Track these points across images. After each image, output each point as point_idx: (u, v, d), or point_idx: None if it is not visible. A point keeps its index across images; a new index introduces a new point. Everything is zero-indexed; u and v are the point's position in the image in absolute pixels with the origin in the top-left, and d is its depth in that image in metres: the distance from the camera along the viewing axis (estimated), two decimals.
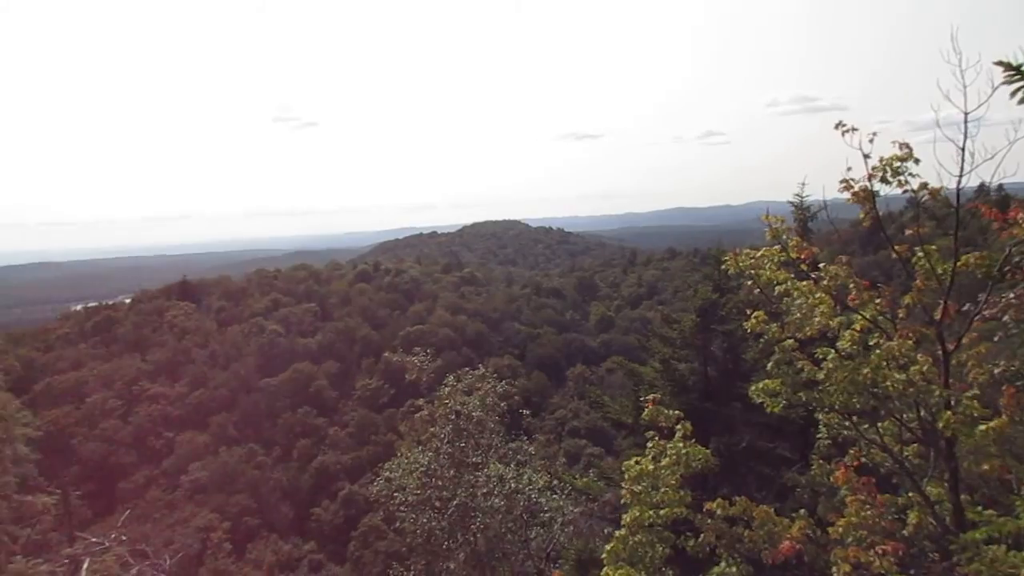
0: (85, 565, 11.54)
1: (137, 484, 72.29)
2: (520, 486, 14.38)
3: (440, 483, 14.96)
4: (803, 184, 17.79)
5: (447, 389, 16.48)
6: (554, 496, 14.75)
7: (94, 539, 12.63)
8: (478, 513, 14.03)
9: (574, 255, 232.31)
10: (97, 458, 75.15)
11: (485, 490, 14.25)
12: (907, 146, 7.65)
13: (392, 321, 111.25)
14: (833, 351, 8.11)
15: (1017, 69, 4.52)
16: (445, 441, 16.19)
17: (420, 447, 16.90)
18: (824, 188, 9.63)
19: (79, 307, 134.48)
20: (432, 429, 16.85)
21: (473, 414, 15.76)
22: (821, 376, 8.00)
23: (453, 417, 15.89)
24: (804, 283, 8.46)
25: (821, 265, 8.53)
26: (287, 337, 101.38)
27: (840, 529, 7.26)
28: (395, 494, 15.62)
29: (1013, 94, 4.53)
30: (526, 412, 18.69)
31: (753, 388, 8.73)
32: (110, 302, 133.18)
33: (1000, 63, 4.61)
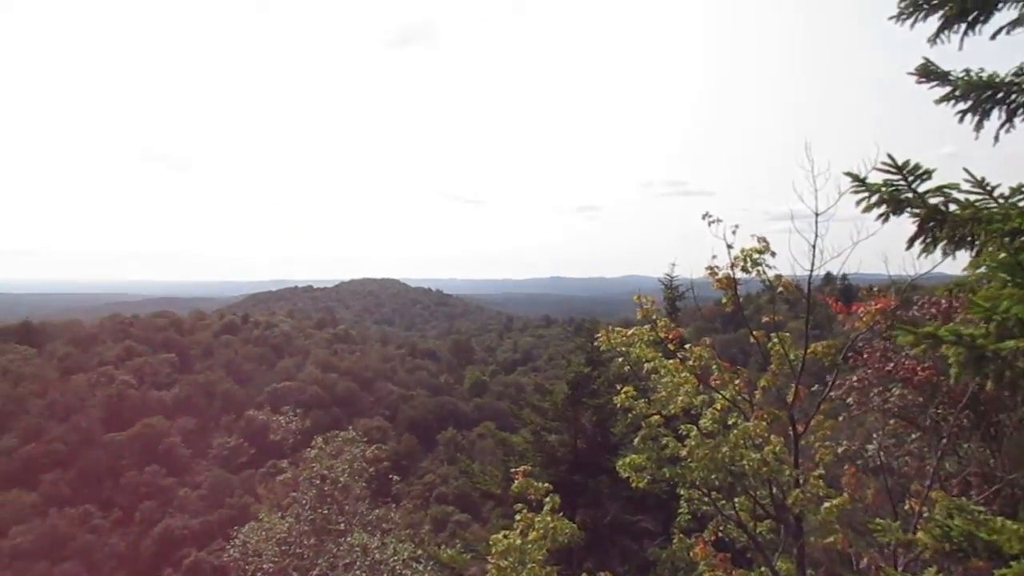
0: None
1: None
2: (384, 557, 13.89)
3: (300, 551, 14.21)
4: (673, 265, 18.90)
5: (314, 452, 15.87)
6: (418, 568, 14.33)
7: None
8: None
9: (452, 317, 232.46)
10: None
11: (347, 560, 13.66)
12: (764, 240, 8.33)
13: (258, 376, 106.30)
14: (696, 428, 8.51)
15: (862, 181, 5.05)
16: (307, 507, 15.52)
17: (280, 512, 16.09)
18: (692, 270, 10.25)
19: None
20: (294, 493, 16.10)
21: (340, 479, 15.19)
22: (684, 453, 8.35)
23: (318, 482, 15.26)
24: (671, 362, 8.89)
25: (687, 345, 9.01)
26: (139, 389, 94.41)
27: None
28: (250, 560, 14.71)
29: (858, 203, 5.05)
30: (396, 478, 18.24)
31: (620, 463, 8.98)
32: None
33: (848, 174, 5.15)
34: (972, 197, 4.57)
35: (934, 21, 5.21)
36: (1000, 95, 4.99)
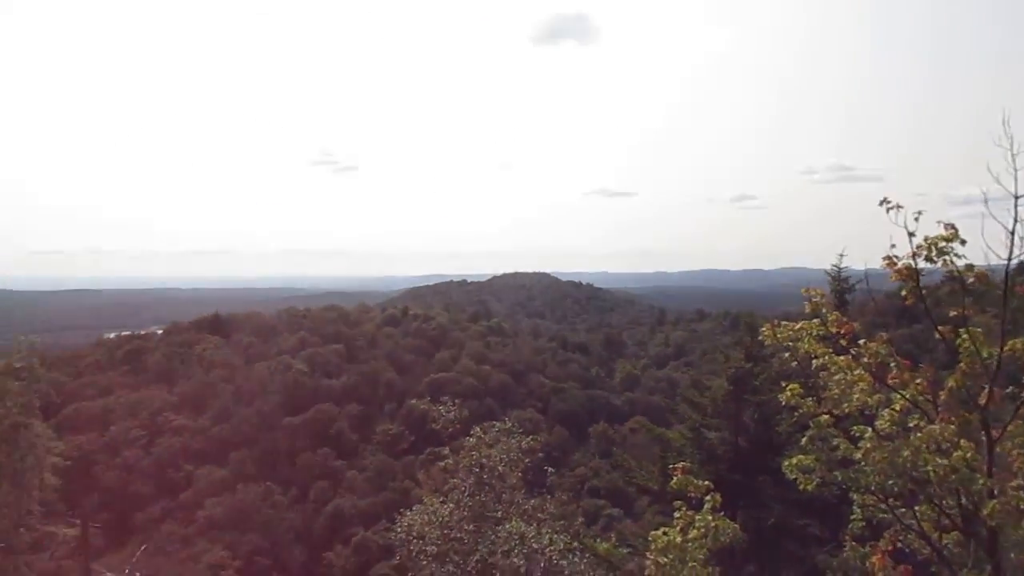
0: None
1: (153, 516, 72.29)
2: (540, 546, 14.10)
3: (460, 536, 14.74)
4: (841, 256, 17.69)
5: (473, 440, 16.36)
6: (574, 559, 14.43)
7: (109, 573, 12.60)
8: (497, 571, 13.77)
9: (602, 311, 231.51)
10: (117, 487, 75.36)
11: (505, 548, 14.00)
12: (952, 226, 7.61)
13: (417, 367, 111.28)
14: (871, 430, 7.95)
15: None
16: (466, 493, 16.01)
17: (441, 497, 16.73)
18: (865, 260, 9.58)
19: (112, 335, 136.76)
20: (453, 480, 16.69)
21: (497, 468, 15.59)
22: (858, 456, 7.84)
23: (477, 470, 15.73)
24: (842, 358, 8.36)
25: (861, 341, 8.43)
26: (312, 377, 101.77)
27: None
28: (414, 542, 15.43)
29: None
30: (551, 470, 18.44)
31: (786, 463, 8.57)
32: (142, 332, 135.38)
33: None
34: None
35: None
36: None
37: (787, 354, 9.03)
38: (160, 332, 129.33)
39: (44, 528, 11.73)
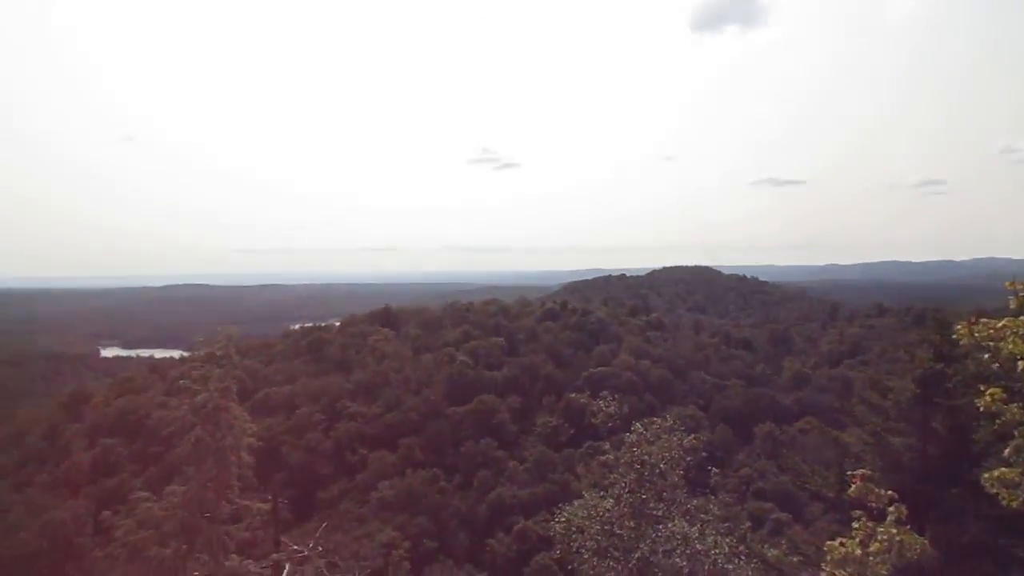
0: (286, 571, 12.49)
1: (332, 495, 77.88)
2: (704, 548, 13.72)
3: (620, 532, 14.63)
4: None
5: (633, 436, 16.16)
6: (741, 563, 13.90)
7: (295, 547, 13.66)
8: (659, 571, 13.54)
9: (768, 306, 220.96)
10: (300, 466, 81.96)
11: (667, 547, 13.74)
12: None
13: (576, 361, 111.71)
14: None
15: None
16: (627, 490, 15.85)
17: (601, 492, 16.68)
18: None
19: (297, 327, 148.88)
20: (613, 475, 16.56)
21: (659, 465, 15.31)
22: None
23: (638, 466, 15.53)
24: None
25: None
26: (475, 368, 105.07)
27: None
28: (574, 536, 15.51)
29: None
30: (714, 470, 17.88)
31: (987, 475, 7.76)
32: (323, 324, 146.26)
33: None
34: None
35: None
36: None
37: (987, 355, 8.15)
38: (338, 324, 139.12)
39: (241, 502, 12.95)
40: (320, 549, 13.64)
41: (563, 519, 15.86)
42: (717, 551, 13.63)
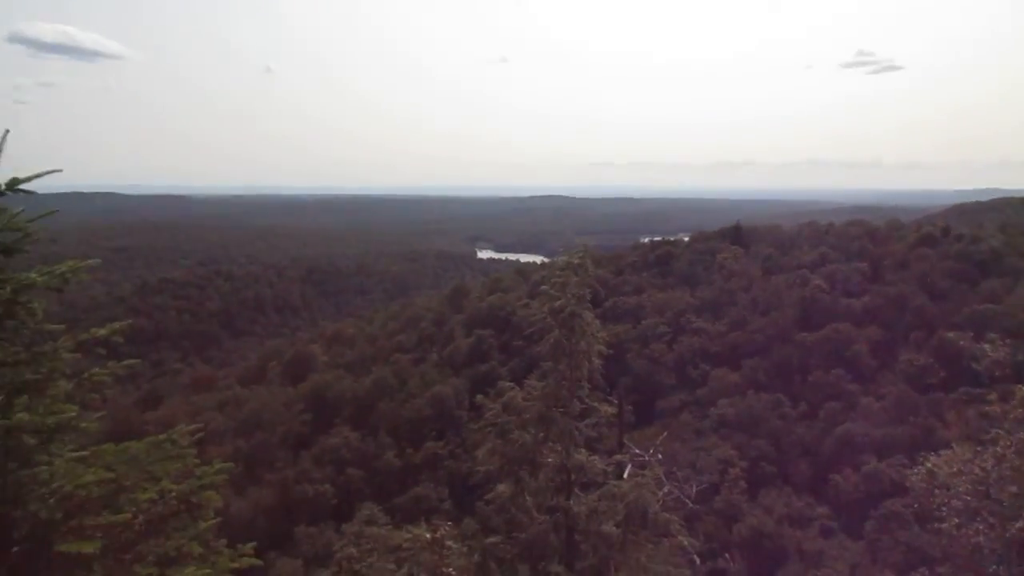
0: (627, 471, 13.32)
1: (672, 406, 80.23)
2: None
3: (1000, 497, 12.80)
4: None
5: None
6: None
7: (636, 450, 14.43)
8: None
9: None
10: (643, 374, 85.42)
11: None
12: None
13: (956, 295, 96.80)
14: None
15: None
16: (1011, 449, 13.69)
17: (978, 447, 14.67)
18: None
19: (646, 240, 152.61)
20: (996, 431, 14.39)
21: None
22: None
23: None
24: None
25: None
26: (830, 294, 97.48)
27: None
28: (936, 492, 14.02)
29: None
30: None
31: None
32: (671, 238, 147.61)
33: None
34: None
35: None
36: None
37: None
38: (686, 239, 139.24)
39: (590, 402, 14.02)
40: (660, 456, 14.24)
41: (924, 469, 14.35)
42: None
